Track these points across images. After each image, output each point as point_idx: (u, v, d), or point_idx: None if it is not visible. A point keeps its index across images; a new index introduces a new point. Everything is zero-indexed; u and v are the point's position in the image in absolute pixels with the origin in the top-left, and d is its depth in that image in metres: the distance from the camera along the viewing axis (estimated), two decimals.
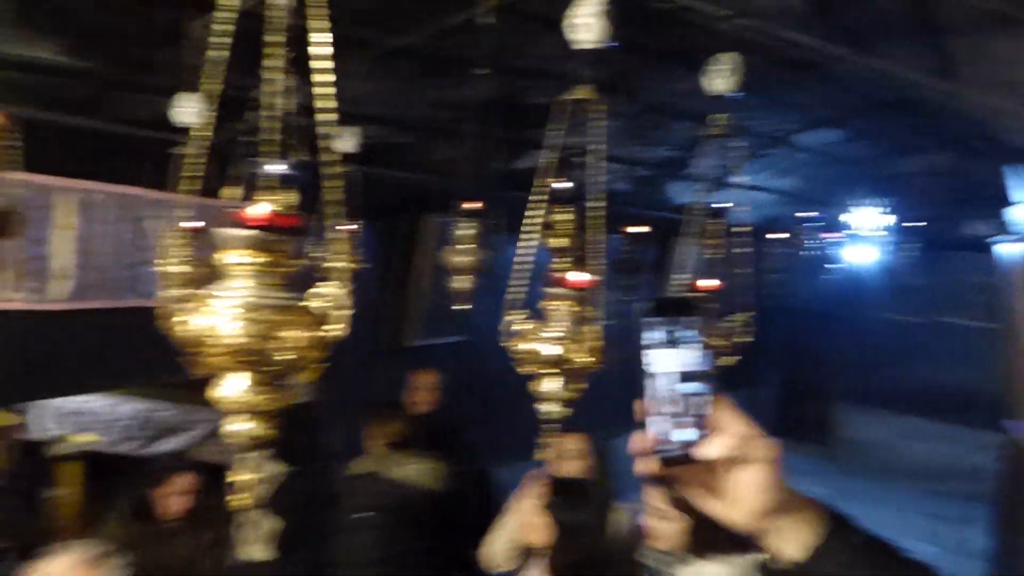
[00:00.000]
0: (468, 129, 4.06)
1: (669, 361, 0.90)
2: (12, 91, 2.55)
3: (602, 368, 2.25)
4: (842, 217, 8.19)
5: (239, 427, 1.57)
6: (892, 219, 7.95)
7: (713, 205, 3.58)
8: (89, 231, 3.25)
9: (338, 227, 1.67)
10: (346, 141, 1.79)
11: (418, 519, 3.29)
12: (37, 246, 3.04)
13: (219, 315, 1.49)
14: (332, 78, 1.52)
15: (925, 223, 8.31)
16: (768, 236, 8.55)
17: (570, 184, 2.74)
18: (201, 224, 2.23)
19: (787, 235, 8.82)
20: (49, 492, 3.60)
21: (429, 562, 3.34)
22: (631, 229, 7.00)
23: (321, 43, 1.54)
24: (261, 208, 1.56)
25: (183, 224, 2.70)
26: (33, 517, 2.63)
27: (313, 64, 1.58)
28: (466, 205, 4.52)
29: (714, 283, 3.12)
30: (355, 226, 1.69)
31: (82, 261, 3.23)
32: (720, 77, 2.83)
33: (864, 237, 8.14)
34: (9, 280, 2.77)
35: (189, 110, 2.94)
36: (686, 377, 0.89)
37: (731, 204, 3.76)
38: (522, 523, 2.70)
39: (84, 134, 3.23)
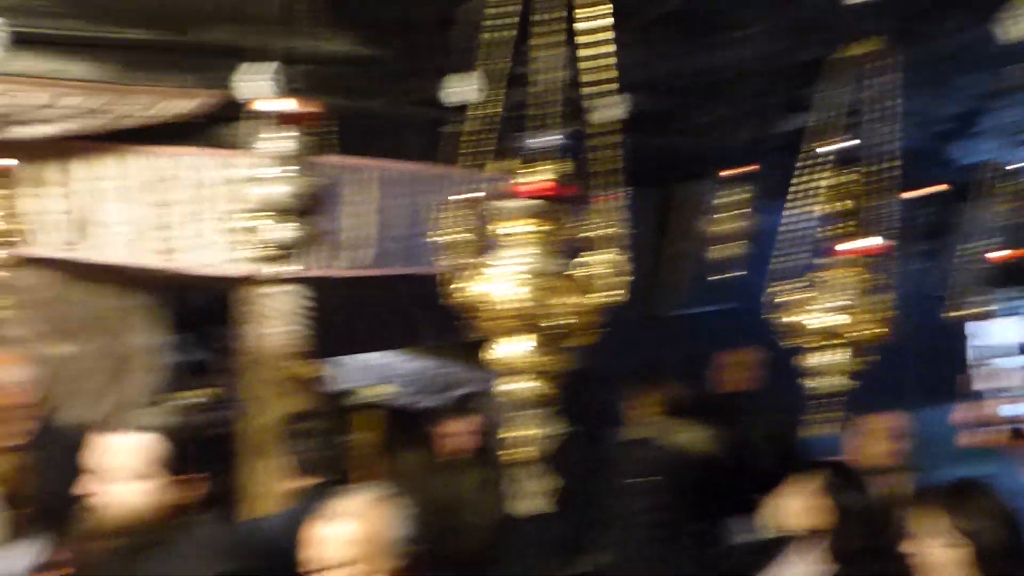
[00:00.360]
0: (733, 92, 3.92)
1: (1008, 332, 0.83)
2: (321, 83, 2.89)
3: (891, 341, 2.10)
4: None
5: (514, 386, 1.68)
6: None
7: (1017, 164, 3.17)
8: (384, 205, 3.63)
9: (607, 195, 1.71)
10: (613, 110, 1.81)
11: (695, 486, 3.28)
12: (340, 220, 3.44)
13: (499, 282, 1.60)
14: (609, 49, 1.55)
15: None
16: None
17: (851, 143, 2.56)
18: (478, 195, 2.40)
19: None
20: (350, 437, 4.05)
21: (704, 529, 3.32)
22: (916, 191, 6.36)
23: (596, 16, 1.58)
24: (541, 179, 1.64)
25: (462, 196, 2.91)
26: (336, 459, 2.98)
27: (582, 39, 1.62)
28: (730, 171, 4.38)
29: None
30: (622, 193, 1.72)
31: (378, 232, 3.61)
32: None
33: None
34: (320, 251, 3.16)
35: (462, 89, 3.14)
36: None
37: None
38: (799, 504, 2.59)
39: (375, 117, 3.58)
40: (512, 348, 1.63)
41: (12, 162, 2.70)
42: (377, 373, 5.05)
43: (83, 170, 3.23)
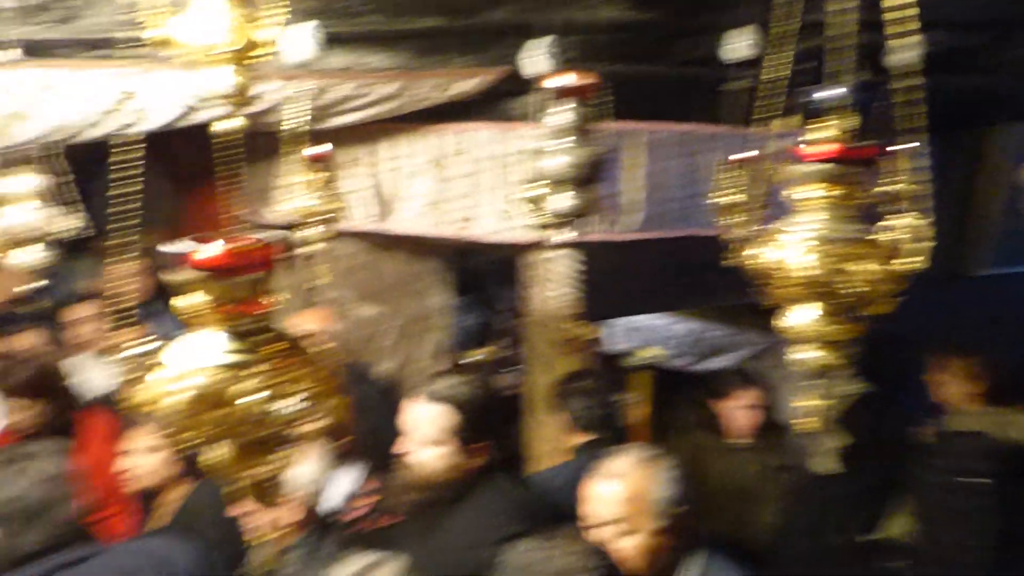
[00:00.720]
0: None
1: None
2: (597, 51, 2.93)
3: None
4: None
5: (806, 355, 1.62)
6: None
7: None
8: (653, 168, 3.61)
9: (908, 148, 1.57)
10: (913, 53, 1.64)
11: None
12: (613, 184, 3.49)
13: (790, 248, 1.54)
14: None
15: None
16: None
17: None
18: (758, 156, 2.30)
19: None
20: (623, 397, 4.15)
21: None
22: None
23: None
24: (829, 140, 1.54)
25: (740, 156, 2.81)
26: (611, 417, 3.07)
27: None
28: None
29: None
30: (924, 144, 1.57)
31: (649, 195, 3.62)
32: None
33: None
34: (599, 216, 3.24)
35: (740, 46, 3.01)
36: None
37: None
38: None
39: (645, 80, 3.56)
40: (803, 316, 1.58)
41: (329, 147, 3.06)
42: (643, 335, 5.08)
43: (386, 150, 3.59)
